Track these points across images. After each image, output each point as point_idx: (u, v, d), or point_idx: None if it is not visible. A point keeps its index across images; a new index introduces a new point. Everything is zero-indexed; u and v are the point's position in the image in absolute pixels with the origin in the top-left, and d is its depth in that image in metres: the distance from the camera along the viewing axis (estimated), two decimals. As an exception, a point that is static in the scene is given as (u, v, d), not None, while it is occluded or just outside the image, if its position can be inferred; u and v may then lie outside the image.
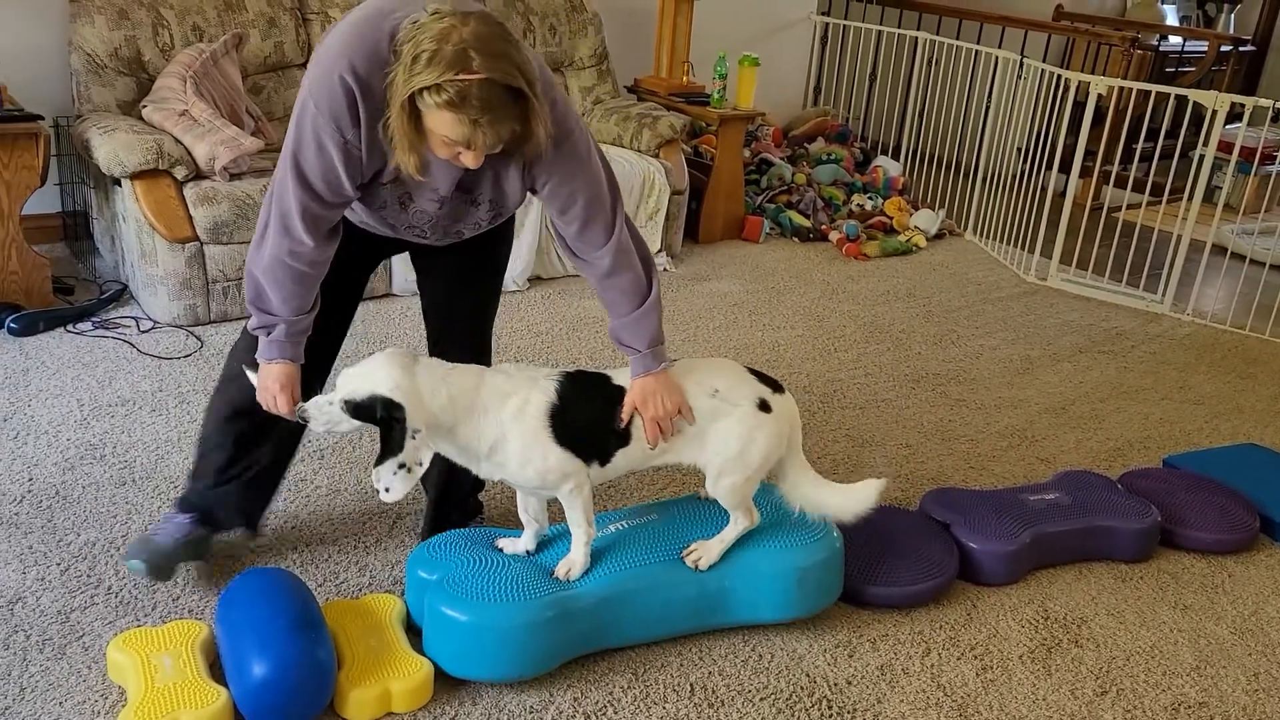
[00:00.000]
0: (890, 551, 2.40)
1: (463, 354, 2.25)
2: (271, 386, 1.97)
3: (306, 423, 1.93)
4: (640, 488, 2.75)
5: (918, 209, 5.40)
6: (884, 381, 3.57)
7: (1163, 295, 4.53)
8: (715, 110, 4.87)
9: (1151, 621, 2.42)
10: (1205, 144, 4.32)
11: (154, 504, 2.50)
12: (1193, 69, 6.65)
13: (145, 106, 3.64)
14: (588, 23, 4.80)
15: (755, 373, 2.14)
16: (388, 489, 1.88)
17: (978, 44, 5.55)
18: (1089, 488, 2.71)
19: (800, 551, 2.17)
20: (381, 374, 1.89)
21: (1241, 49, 7.00)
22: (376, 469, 1.89)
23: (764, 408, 2.07)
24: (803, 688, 2.10)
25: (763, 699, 2.06)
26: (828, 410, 3.31)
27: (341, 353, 2.24)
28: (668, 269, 4.47)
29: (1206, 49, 6.68)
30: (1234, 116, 4.41)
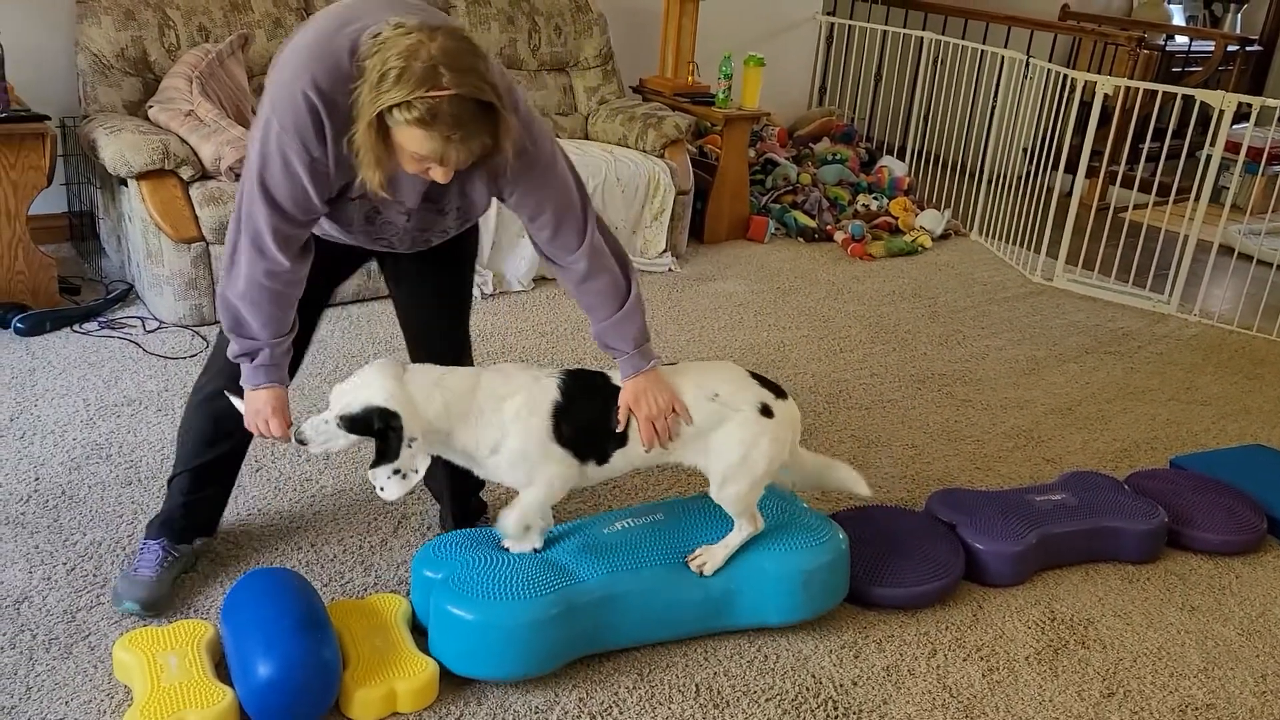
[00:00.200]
0: (896, 552, 2.39)
1: (442, 353, 2.23)
2: (263, 411, 1.95)
3: (304, 444, 1.91)
4: (645, 487, 2.75)
5: (923, 209, 5.39)
6: (890, 382, 3.56)
7: (1169, 296, 4.52)
8: (720, 110, 4.86)
9: (1159, 623, 2.41)
10: (1212, 144, 4.31)
11: (159, 504, 2.49)
12: (1199, 69, 6.64)
13: (151, 107, 3.64)
14: (593, 23, 4.80)
15: (757, 377, 2.12)
16: (383, 489, 1.90)
17: (983, 44, 5.53)
18: (1096, 488, 2.70)
19: (806, 554, 2.17)
20: (375, 385, 1.88)
21: (1248, 49, 6.99)
22: (372, 471, 1.90)
23: (766, 413, 2.06)
24: (808, 688, 2.10)
25: (768, 700, 2.06)
26: (833, 411, 3.30)
27: (340, 357, 2.24)
28: (673, 269, 4.47)
29: (1213, 49, 6.66)
30: (1241, 116, 4.39)
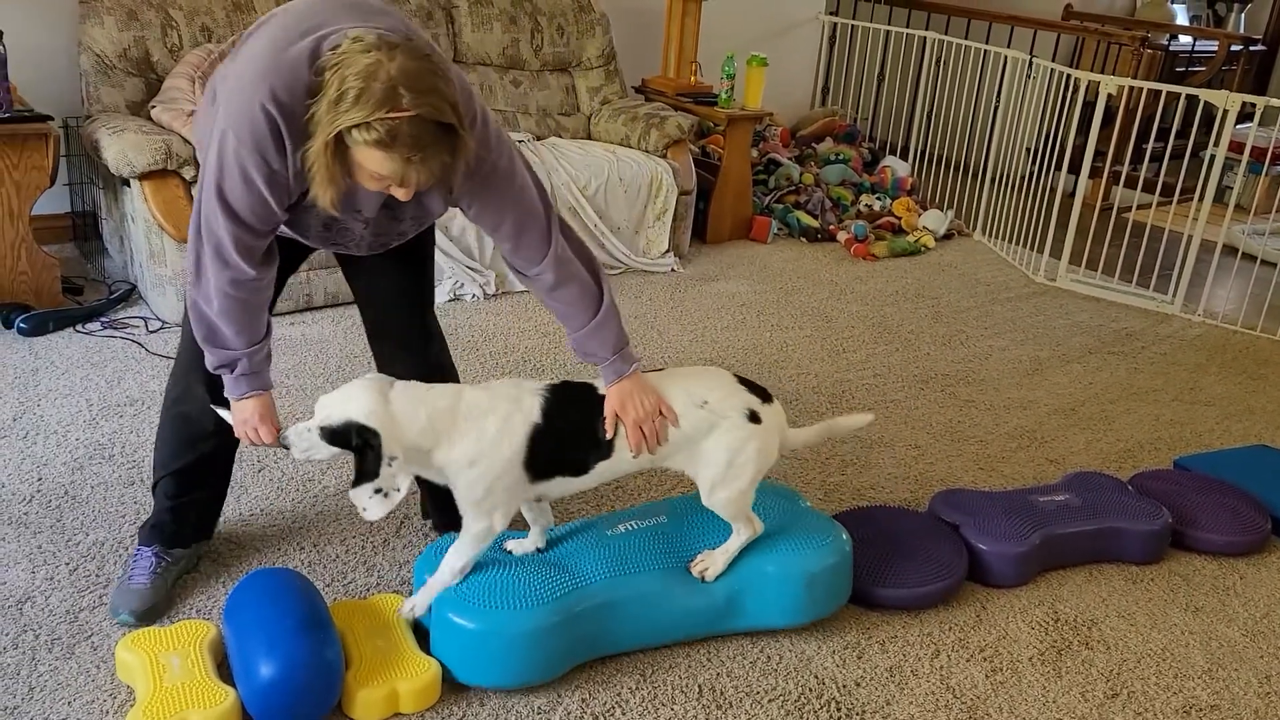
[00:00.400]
0: (899, 553, 2.39)
1: (404, 346, 2.21)
2: (250, 420, 1.94)
3: (287, 448, 1.89)
4: (649, 487, 2.74)
5: (926, 209, 5.39)
6: (893, 382, 3.56)
7: (1173, 296, 4.51)
8: (723, 110, 4.86)
9: (1162, 624, 2.40)
10: (1216, 144, 4.30)
11: (162, 504, 2.50)
12: (1203, 68, 6.63)
13: (154, 107, 3.64)
14: (595, 23, 4.80)
15: (743, 381, 2.10)
16: (365, 509, 1.85)
17: (986, 43, 5.53)
18: (1099, 489, 2.70)
19: (809, 556, 2.16)
20: (357, 401, 1.85)
21: (1252, 48, 6.98)
22: (353, 491, 1.85)
23: (754, 418, 2.04)
24: (811, 689, 2.09)
25: (771, 700, 2.05)
26: (836, 411, 3.30)
27: (342, 357, 2.24)
28: (675, 269, 4.47)
29: (1217, 48, 6.65)
30: (1245, 116, 4.39)
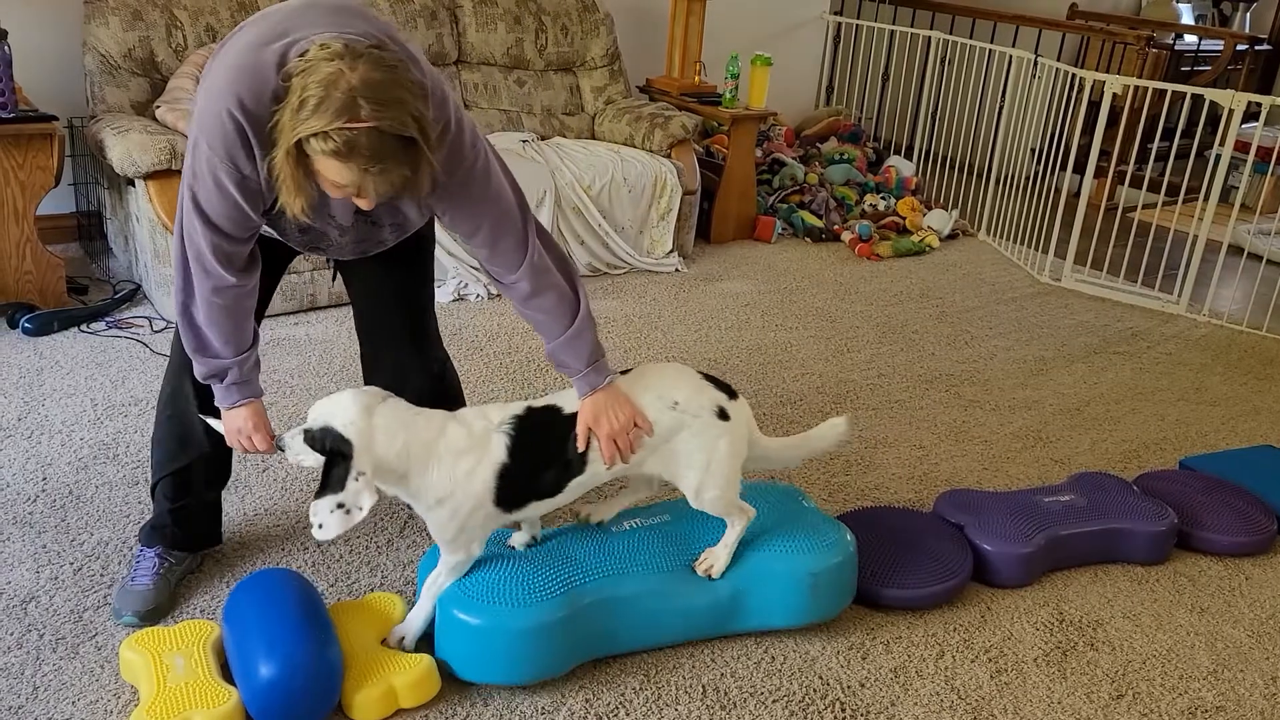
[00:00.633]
0: (904, 553, 2.38)
1: (398, 347, 2.19)
2: (244, 429, 1.93)
3: (282, 450, 1.88)
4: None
5: (931, 209, 5.38)
6: (897, 382, 3.55)
7: (1178, 296, 4.50)
8: (727, 110, 4.86)
9: (1168, 624, 2.40)
10: (1221, 143, 4.29)
11: (167, 504, 2.50)
12: (1208, 68, 6.61)
13: (159, 107, 3.65)
14: (600, 23, 4.79)
15: (708, 378, 2.10)
16: (321, 526, 1.78)
17: (991, 43, 5.52)
18: (1104, 490, 2.69)
19: (814, 556, 2.16)
20: (341, 409, 1.84)
21: (1257, 48, 6.96)
22: (314, 503, 1.80)
23: (723, 415, 2.04)
24: (815, 690, 2.09)
25: (775, 701, 2.05)
26: (841, 411, 3.29)
27: (347, 357, 2.23)
28: (679, 269, 4.46)
29: (1222, 48, 6.63)
30: (1250, 116, 4.38)
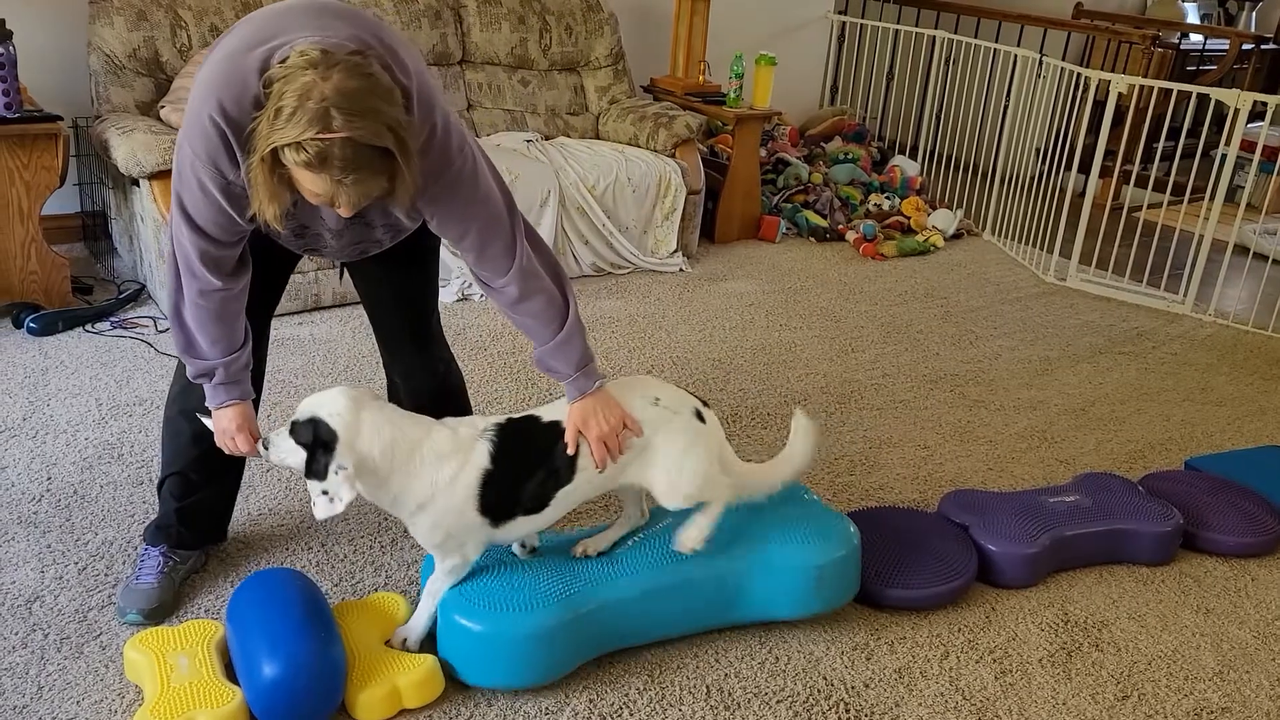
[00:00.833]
0: (908, 553, 2.38)
1: (403, 348, 2.19)
2: (229, 429, 1.94)
3: (267, 449, 1.89)
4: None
5: (935, 209, 5.37)
6: (902, 382, 3.55)
7: (1184, 296, 4.49)
8: (731, 110, 4.85)
9: (1173, 625, 2.39)
10: (1227, 143, 4.27)
11: (171, 503, 2.51)
12: (1214, 67, 6.60)
13: (163, 107, 3.65)
14: (604, 22, 4.79)
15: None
16: (314, 503, 1.84)
17: (996, 42, 5.51)
18: (1110, 490, 2.68)
19: (818, 548, 2.16)
20: (330, 402, 1.86)
21: (1263, 47, 6.94)
22: (309, 482, 1.85)
23: (700, 419, 2.06)
24: (820, 690, 2.09)
25: (779, 701, 2.05)
26: (845, 411, 3.29)
27: (351, 357, 2.23)
28: (684, 269, 4.46)
29: (1228, 47, 6.62)
30: (1256, 115, 4.37)
